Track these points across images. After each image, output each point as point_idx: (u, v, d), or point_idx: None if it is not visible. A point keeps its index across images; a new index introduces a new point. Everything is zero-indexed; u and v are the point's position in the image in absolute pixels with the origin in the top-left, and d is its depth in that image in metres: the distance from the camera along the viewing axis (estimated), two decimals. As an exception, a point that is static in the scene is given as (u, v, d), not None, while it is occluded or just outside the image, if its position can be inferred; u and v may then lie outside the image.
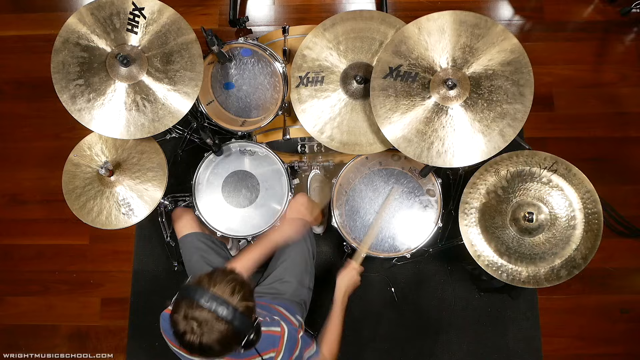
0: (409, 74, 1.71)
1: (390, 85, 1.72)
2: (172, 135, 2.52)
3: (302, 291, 1.88)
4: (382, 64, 1.73)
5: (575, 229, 1.77)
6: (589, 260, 1.75)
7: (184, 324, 1.25)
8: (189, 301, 1.26)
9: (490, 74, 1.67)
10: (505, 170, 1.82)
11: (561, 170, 1.78)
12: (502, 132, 1.65)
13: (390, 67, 1.72)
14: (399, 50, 1.72)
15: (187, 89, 1.78)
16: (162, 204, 2.03)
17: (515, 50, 1.66)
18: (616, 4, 2.70)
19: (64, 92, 1.77)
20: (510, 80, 1.66)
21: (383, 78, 1.73)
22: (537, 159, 1.80)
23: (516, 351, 2.40)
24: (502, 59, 1.67)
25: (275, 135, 2.13)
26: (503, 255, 1.79)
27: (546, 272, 1.77)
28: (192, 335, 1.24)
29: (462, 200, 1.84)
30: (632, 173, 2.57)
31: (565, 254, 1.77)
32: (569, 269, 1.76)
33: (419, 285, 2.47)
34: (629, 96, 2.64)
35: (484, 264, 1.79)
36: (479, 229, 1.81)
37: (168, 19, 1.78)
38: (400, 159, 2.12)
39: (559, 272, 1.76)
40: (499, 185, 1.82)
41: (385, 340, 2.43)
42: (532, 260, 1.78)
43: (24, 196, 2.74)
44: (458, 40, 1.69)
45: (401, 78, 1.72)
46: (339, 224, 2.05)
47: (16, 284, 2.65)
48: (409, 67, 1.71)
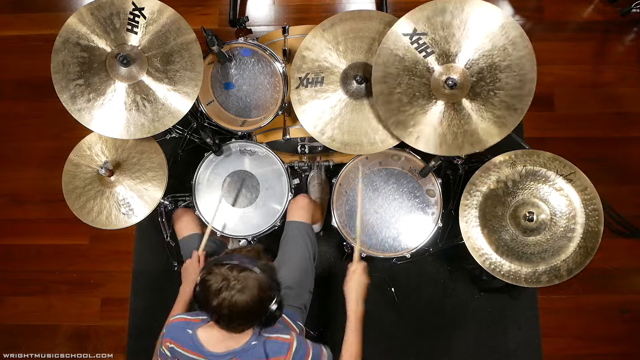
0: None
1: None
2: (172, 135, 2.52)
3: (303, 296, 1.86)
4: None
5: (570, 241, 1.77)
6: (573, 274, 1.75)
7: (219, 280, 1.30)
8: (220, 264, 1.33)
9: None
10: (521, 166, 1.82)
11: (576, 182, 1.78)
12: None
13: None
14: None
15: (187, 89, 1.78)
16: (162, 204, 2.03)
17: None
18: (616, 4, 2.69)
19: (64, 92, 1.77)
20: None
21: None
22: (556, 164, 1.80)
23: (516, 351, 2.40)
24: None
25: (275, 135, 2.13)
26: (492, 244, 1.80)
27: (527, 273, 1.78)
28: (229, 291, 1.28)
29: (470, 182, 1.84)
30: (632, 173, 2.57)
31: (552, 262, 1.77)
32: (550, 277, 1.76)
33: (419, 285, 2.47)
34: (629, 96, 2.64)
35: (470, 242, 1.80)
36: (478, 212, 1.82)
37: (168, 19, 1.78)
38: (400, 159, 2.12)
39: (540, 276, 1.77)
40: (510, 177, 1.82)
41: (385, 340, 2.43)
42: (518, 257, 1.78)
43: (24, 196, 2.74)
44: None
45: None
46: (339, 224, 2.05)
47: (16, 284, 2.65)
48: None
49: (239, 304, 1.29)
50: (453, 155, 1.74)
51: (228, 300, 1.28)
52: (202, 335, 1.44)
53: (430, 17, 1.68)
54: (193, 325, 1.46)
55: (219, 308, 1.30)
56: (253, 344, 1.42)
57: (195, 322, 1.47)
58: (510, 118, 1.67)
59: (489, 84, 1.68)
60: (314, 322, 2.30)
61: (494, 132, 1.69)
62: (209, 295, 1.30)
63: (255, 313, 1.34)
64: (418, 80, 1.71)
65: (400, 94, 1.73)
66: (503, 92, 1.67)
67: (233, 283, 1.29)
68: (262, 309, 1.35)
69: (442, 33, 1.68)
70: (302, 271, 1.89)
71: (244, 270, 1.31)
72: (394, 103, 1.73)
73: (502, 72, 1.66)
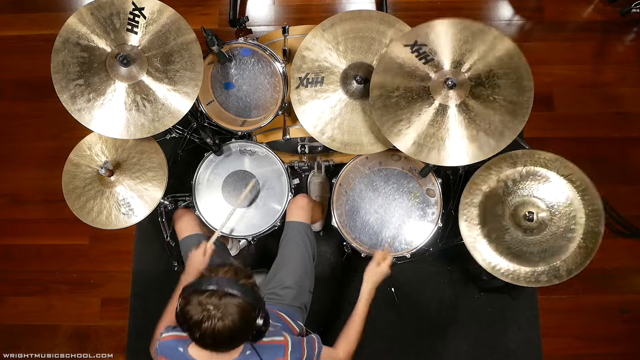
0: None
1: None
2: (172, 135, 2.52)
3: (303, 295, 1.87)
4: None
5: (570, 242, 1.76)
6: (573, 274, 1.74)
7: (199, 311, 1.25)
8: (198, 291, 1.28)
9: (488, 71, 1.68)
10: (522, 166, 1.82)
11: (576, 182, 1.77)
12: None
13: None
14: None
15: (187, 89, 1.78)
16: (162, 204, 2.03)
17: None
18: (616, 4, 2.69)
19: (64, 92, 1.77)
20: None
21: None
22: (557, 164, 1.79)
23: (516, 351, 2.40)
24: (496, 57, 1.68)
25: (275, 135, 2.13)
26: (492, 244, 1.80)
27: (527, 272, 1.77)
28: (209, 320, 1.24)
29: (470, 181, 1.83)
30: (632, 173, 2.57)
31: (552, 262, 1.77)
32: (550, 277, 1.76)
33: (419, 285, 2.47)
34: (629, 96, 2.64)
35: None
36: (478, 211, 1.82)
37: (168, 19, 1.78)
38: (400, 159, 2.12)
39: (540, 276, 1.77)
40: (511, 177, 1.82)
41: (385, 340, 2.43)
42: (518, 257, 1.78)
43: (24, 196, 2.74)
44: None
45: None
46: (339, 224, 2.05)
47: (16, 284, 2.65)
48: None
49: (222, 332, 1.26)
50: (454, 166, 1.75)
51: (211, 330, 1.25)
52: (194, 352, 1.43)
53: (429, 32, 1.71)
54: (184, 342, 1.44)
55: (203, 338, 1.27)
56: (248, 354, 1.42)
57: (187, 339, 1.44)
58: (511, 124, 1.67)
59: (487, 89, 1.68)
60: (314, 322, 2.29)
61: (492, 144, 1.69)
62: (191, 327, 1.28)
63: (240, 335, 1.32)
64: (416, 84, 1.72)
65: (398, 98, 1.73)
66: (502, 98, 1.67)
67: (213, 312, 1.25)
68: (248, 329, 1.32)
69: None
70: (302, 271, 1.89)
71: (224, 297, 1.27)
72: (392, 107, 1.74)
73: (500, 78, 1.67)
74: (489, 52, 1.68)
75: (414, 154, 1.70)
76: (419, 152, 1.70)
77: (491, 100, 1.67)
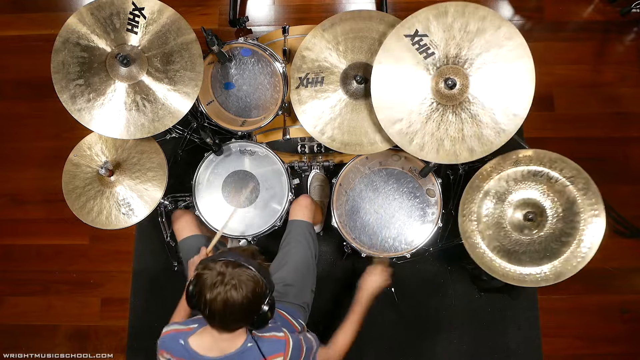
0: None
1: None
2: (172, 135, 2.52)
3: (304, 294, 1.87)
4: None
5: (564, 246, 1.76)
6: (573, 274, 1.75)
7: (214, 274, 1.30)
8: (218, 260, 1.33)
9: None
10: (524, 166, 1.82)
11: (577, 182, 1.77)
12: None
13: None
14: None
15: (187, 89, 1.78)
16: (162, 204, 2.03)
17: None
18: (616, 4, 2.69)
19: (64, 92, 1.77)
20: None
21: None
22: (557, 164, 1.79)
23: (516, 351, 2.40)
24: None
25: (275, 135, 2.13)
26: (491, 244, 1.80)
27: (527, 272, 1.78)
28: (224, 286, 1.28)
29: (474, 176, 1.84)
30: (632, 173, 2.57)
31: (552, 262, 1.77)
32: (550, 277, 1.76)
33: (419, 285, 2.47)
34: (629, 96, 2.64)
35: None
36: (478, 211, 1.82)
37: (168, 19, 1.78)
38: (400, 159, 2.12)
39: (540, 276, 1.77)
40: (511, 177, 1.82)
41: (385, 340, 2.43)
42: (518, 257, 1.78)
43: (24, 196, 2.74)
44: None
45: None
46: (339, 224, 2.05)
47: (16, 284, 2.65)
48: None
49: (233, 300, 1.29)
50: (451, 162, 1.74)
51: (222, 295, 1.28)
52: (194, 342, 1.45)
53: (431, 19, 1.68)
54: (185, 334, 1.47)
55: (213, 302, 1.30)
56: (249, 346, 1.42)
57: (187, 331, 1.48)
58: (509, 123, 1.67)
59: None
60: (314, 321, 2.29)
61: (492, 140, 1.69)
62: (203, 289, 1.31)
63: (248, 310, 1.34)
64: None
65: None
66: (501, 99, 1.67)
67: (228, 278, 1.29)
68: (255, 307, 1.35)
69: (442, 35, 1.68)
70: (304, 269, 1.89)
71: (240, 267, 1.32)
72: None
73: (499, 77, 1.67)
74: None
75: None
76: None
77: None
